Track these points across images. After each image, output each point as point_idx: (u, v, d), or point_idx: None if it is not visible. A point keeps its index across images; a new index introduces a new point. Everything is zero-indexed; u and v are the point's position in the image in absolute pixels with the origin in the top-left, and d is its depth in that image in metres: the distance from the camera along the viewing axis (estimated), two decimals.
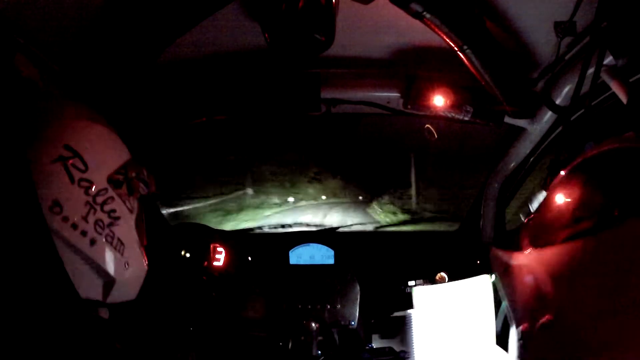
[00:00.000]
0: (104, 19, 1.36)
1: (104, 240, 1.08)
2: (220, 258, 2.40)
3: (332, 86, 1.90)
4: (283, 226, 3.25)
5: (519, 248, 0.93)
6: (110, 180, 1.11)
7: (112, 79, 1.57)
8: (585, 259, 0.74)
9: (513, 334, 0.92)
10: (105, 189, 1.10)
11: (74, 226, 1.03)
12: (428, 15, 1.30)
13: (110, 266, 1.09)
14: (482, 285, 1.90)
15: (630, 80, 1.35)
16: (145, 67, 1.58)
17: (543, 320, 0.76)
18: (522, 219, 1.37)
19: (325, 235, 2.58)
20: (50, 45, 1.40)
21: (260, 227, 2.86)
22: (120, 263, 1.12)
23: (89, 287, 1.07)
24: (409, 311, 1.84)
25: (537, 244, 0.86)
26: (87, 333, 0.97)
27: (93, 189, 1.07)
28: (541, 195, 1.26)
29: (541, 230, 0.87)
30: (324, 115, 1.97)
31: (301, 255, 2.49)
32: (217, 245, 2.41)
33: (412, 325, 1.83)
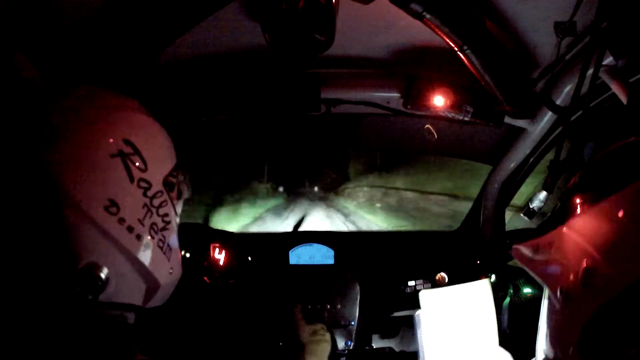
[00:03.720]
0: (103, 19, 1.36)
1: (156, 245, 1.01)
2: (220, 258, 2.40)
3: (332, 86, 1.90)
4: (283, 226, 3.25)
5: (543, 233, 0.99)
6: (165, 183, 1.05)
7: (112, 79, 1.57)
8: (615, 210, 0.83)
9: (547, 304, 0.98)
10: (161, 192, 1.02)
11: (130, 229, 0.95)
12: (428, 16, 1.30)
13: (158, 272, 1.03)
14: (483, 289, 1.92)
15: (630, 80, 1.35)
16: (145, 67, 1.59)
17: (584, 267, 0.83)
18: (524, 217, 1.37)
19: (325, 235, 2.57)
20: (50, 45, 1.40)
21: (260, 227, 2.87)
22: (167, 269, 1.05)
23: (133, 293, 1.01)
24: (417, 312, 1.85)
25: (565, 218, 0.95)
26: (114, 339, 0.93)
27: (151, 191, 0.99)
28: (542, 195, 1.26)
29: (568, 208, 0.96)
30: (323, 115, 1.97)
31: (301, 255, 2.49)
32: (217, 245, 2.41)
33: (421, 327, 1.84)
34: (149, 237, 0.99)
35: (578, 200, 0.94)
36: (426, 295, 1.89)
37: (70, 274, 0.90)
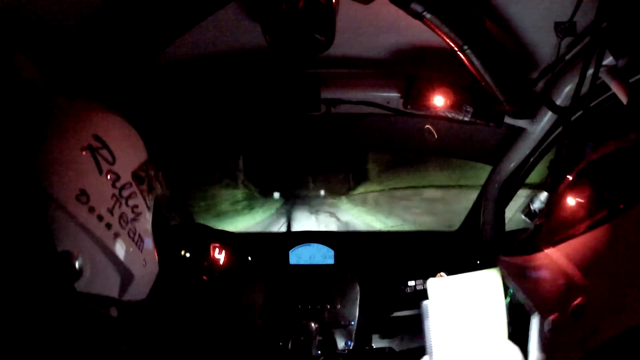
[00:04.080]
0: (103, 19, 1.36)
1: (127, 234, 1.07)
2: (220, 258, 2.40)
3: (332, 86, 1.90)
4: (283, 226, 3.24)
5: (533, 250, 0.96)
6: (134, 176, 1.11)
7: (112, 79, 1.57)
8: (607, 242, 0.80)
9: (536, 329, 0.95)
10: (130, 183, 1.09)
11: (100, 218, 1.01)
12: (428, 15, 1.30)
13: (131, 262, 1.07)
14: (493, 278, 1.91)
15: (630, 80, 1.35)
16: (145, 67, 1.58)
17: (575, 303, 0.80)
18: (524, 219, 1.37)
19: (325, 235, 2.57)
20: (50, 45, 1.40)
21: (260, 227, 2.87)
22: (140, 260, 1.11)
23: (107, 283, 1.05)
24: (425, 302, 1.85)
25: (554, 241, 0.92)
26: (97, 332, 0.95)
27: (119, 182, 1.06)
28: (542, 196, 1.26)
29: (556, 230, 0.92)
30: (323, 115, 1.97)
31: (301, 255, 2.49)
32: (217, 245, 2.41)
33: (429, 317, 1.83)
34: (119, 226, 1.05)
35: (569, 217, 0.90)
36: (434, 284, 1.87)
37: (47, 262, 0.93)
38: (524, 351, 1.46)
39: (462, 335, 1.85)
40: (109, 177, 1.04)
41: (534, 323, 0.96)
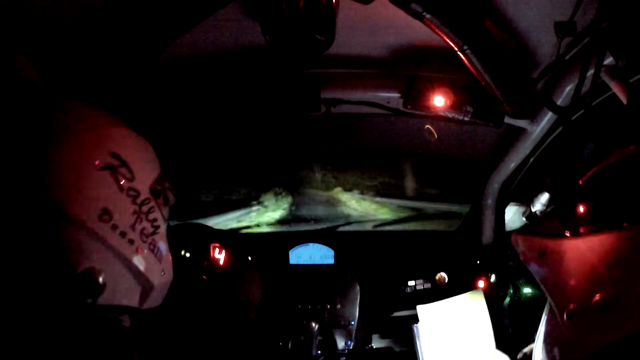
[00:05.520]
0: (103, 19, 1.36)
1: (148, 248, 1.10)
2: (220, 258, 2.40)
3: (332, 86, 1.90)
4: (283, 226, 3.24)
5: (558, 235, 0.96)
6: (152, 190, 1.13)
7: (112, 79, 1.57)
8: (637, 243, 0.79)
9: (549, 315, 0.96)
10: (149, 199, 1.11)
11: (123, 234, 1.03)
12: (428, 16, 1.30)
13: (151, 273, 1.11)
14: (477, 298, 1.97)
15: (630, 80, 1.35)
16: (145, 67, 1.58)
17: (597, 298, 0.80)
18: (522, 218, 1.37)
19: (325, 235, 2.58)
20: (50, 45, 1.40)
21: (260, 227, 2.88)
22: (159, 270, 1.14)
23: (129, 295, 1.08)
24: (415, 325, 1.91)
25: (584, 231, 0.91)
26: (111, 342, 0.97)
27: (139, 198, 1.08)
28: (543, 197, 1.26)
29: (587, 219, 0.92)
30: (324, 115, 1.97)
31: (301, 255, 2.49)
32: (217, 245, 2.41)
33: (420, 339, 1.90)
34: (141, 241, 1.08)
35: (595, 213, 0.90)
36: (424, 310, 1.95)
37: (70, 279, 0.95)
38: (523, 346, 1.48)
39: (452, 353, 1.91)
40: (129, 194, 1.06)
41: (546, 309, 0.96)
